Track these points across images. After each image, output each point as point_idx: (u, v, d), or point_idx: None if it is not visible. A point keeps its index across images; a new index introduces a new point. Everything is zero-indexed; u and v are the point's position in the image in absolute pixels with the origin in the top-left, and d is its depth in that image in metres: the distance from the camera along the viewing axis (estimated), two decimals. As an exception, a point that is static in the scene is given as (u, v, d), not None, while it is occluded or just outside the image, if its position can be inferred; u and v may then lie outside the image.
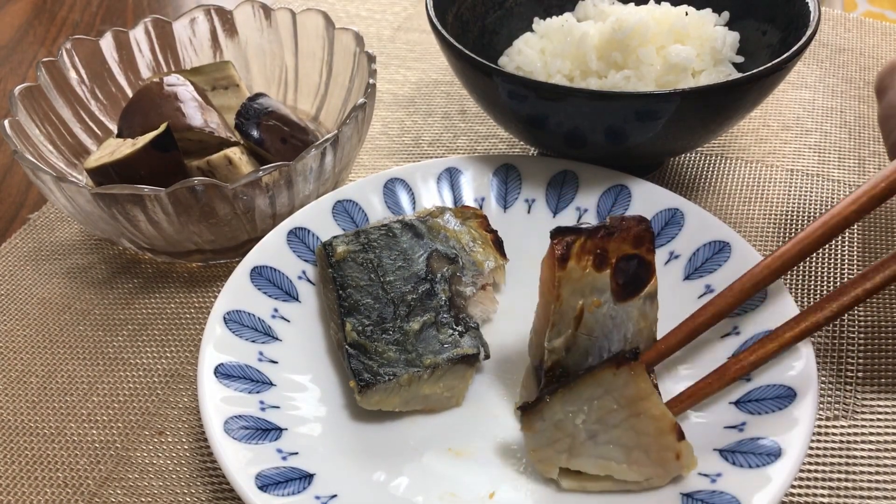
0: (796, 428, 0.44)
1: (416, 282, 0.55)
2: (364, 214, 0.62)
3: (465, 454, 0.49)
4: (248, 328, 0.53)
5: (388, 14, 1.01)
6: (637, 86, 0.63)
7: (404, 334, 0.52)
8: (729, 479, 0.44)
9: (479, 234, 0.60)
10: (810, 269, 0.62)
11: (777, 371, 0.48)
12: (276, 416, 0.49)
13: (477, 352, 0.52)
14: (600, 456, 0.45)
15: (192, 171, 0.63)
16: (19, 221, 0.73)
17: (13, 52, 0.99)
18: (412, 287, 0.54)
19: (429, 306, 0.53)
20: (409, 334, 0.52)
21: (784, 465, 0.43)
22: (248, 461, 0.45)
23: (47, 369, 0.58)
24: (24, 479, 0.51)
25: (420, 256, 0.56)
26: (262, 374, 0.51)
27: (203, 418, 0.47)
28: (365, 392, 0.49)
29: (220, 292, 0.54)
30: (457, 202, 0.64)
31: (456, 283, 0.56)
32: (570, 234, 0.47)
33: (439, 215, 0.60)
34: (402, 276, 0.55)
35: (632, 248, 0.48)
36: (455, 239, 0.58)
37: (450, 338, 0.52)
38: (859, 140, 0.76)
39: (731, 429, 0.47)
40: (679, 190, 0.70)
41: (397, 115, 0.83)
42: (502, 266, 0.59)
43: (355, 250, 0.56)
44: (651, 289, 0.49)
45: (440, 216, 0.60)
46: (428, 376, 0.50)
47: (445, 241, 0.58)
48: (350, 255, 0.56)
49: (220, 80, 0.72)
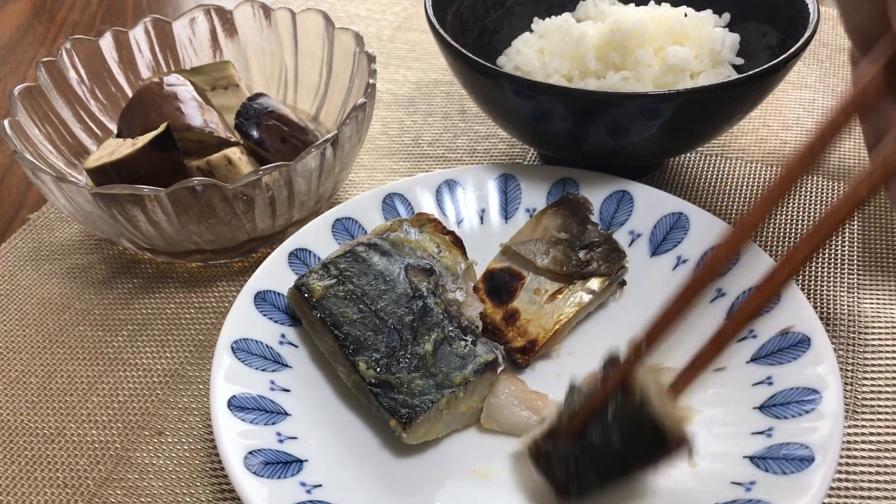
0: (826, 431, 0.44)
1: (406, 302, 0.53)
2: (364, 231, 0.61)
3: (491, 475, 0.49)
4: (256, 356, 0.52)
5: (388, 14, 1.01)
6: (635, 87, 0.63)
7: (421, 358, 0.50)
8: (764, 486, 0.43)
9: (439, 238, 0.58)
10: (810, 269, 0.62)
11: (799, 373, 0.48)
12: (295, 448, 0.48)
13: (495, 356, 0.51)
14: None
15: (191, 171, 0.62)
16: (19, 221, 0.73)
17: (13, 51, 0.99)
18: (406, 308, 0.52)
19: (430, 324, 0.52)
20: (426, 357, 0.50)
21: (819, 471, 0.42)
22: (272, 498, 0.44)
23: (47, 369, 0.58)
24: (24, 479, 0.51)
25: (398, 275, 0.54)
26: (276, 405, 0.50)
27: (221, 454, 0.45)
28: (409, 427, 0.47)
29: (225, 320, 0.53)
30: (458, 215, 0.63)
31: (442, 292, 0.54)
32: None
33: (398, 228, 0.58)
34: (390, 299, 0.53)
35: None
36: (421, 249, 0.57)
37: (465, 349, 0.51)
38: (860, 140, 0.76)
39: (758, 434, 0.46)
40: (679, 190, 0.70)
41: (397, 115, 0.83)
42: (471, 265, 0.58)
43: (332, 284, 0.53)
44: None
45: (399, 229, 0.58)
46: (463, 394, 0.49)
47: (413, 253, 0.56)
48: (330, 292, 0.53)
49: (219, 79, 0.72)
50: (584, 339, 0.56)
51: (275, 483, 0.45)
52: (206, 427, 0.54)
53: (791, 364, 0.49)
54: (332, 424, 0.51)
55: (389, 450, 0.50)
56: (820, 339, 0.49)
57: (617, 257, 0.57)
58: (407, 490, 0.48)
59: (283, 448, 0.47)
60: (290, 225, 0.64)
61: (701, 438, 0.48)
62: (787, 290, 0.52)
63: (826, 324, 0.58)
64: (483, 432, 0.51)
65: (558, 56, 0.66)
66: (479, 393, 0.51)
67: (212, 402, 0.48)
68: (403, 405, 0.48)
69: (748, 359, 0.51)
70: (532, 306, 0.56)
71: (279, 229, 0.64)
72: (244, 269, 0.66)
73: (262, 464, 0.45)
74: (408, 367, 0.50)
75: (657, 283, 0.58)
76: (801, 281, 0.61)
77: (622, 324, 0.57)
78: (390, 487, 0.48)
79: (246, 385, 0.50)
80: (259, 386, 0.50)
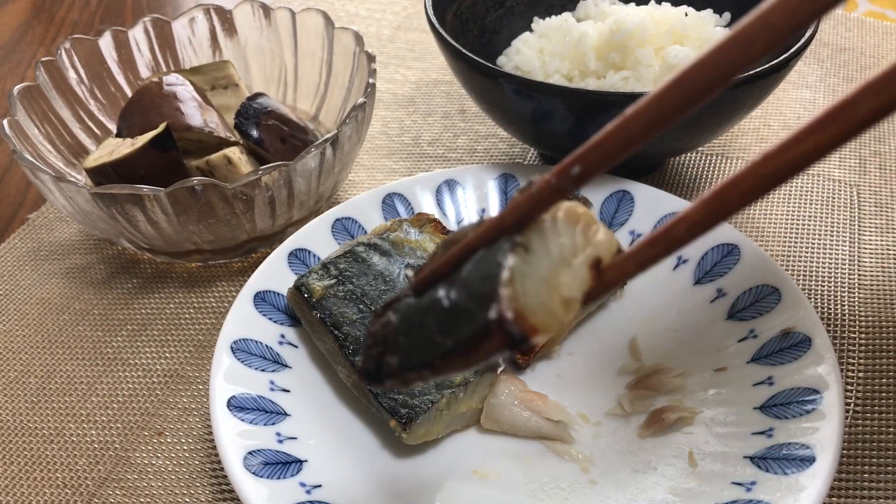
0: (827, 431, 0.44)
1: None
2: (364, 231, 0.61)
3: (492, 475, 0.48)
4: (256, 357, 0.52)
5: (388, 13, 1.01)
6: (635, 86, 0.63)
7: None
8: (764, 486, 0.43)
9: (439, 238, 0.58)
10: (810, 269, 0.62)
11: (800, 373, 0.48)
12: (295, 448, 0.48)
13: None
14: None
15: (191, 170, 0.62)
16: (18, 221, 0.72)
17: (12, 51, 0.99)
18: None
19: None
20: None
21: (819, 472, 0.42)
22: (271, 498, 0.44)
23: (46, 370, 0.58)
24: (23, 479, 0.51)
25: (398, 275, 0.54)
26: (276, 405, 0.50)
27: (221, 455, 0.45)
28: (409, 427, 0.47)
29: (225, 320, 0.53)
30: (458, 215, 0.63)
31: None
32: None
33: (398, 228, 0.58)
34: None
35: None
36: (421, 249, 0.57)
37: None
38: (860, 139, 0.76)
39: (759, 434, 0.46)
40: (679, 190, 0.70)
41: (397, 115, 0.83)
42: None
43: (331, 284, 0.53)
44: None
45: (399, 229, 0.58)
46: (463, 394, 0.49)
47: (413, 254, 0.56)
48: (329, 292, 0.53)
49: (219, 79, 0.71)
50: (584, 340, 0.56)
51: (274, 483, 0.45)
52: (205, 427, 0.54)
53: (791, 364, 0.49)
54: (332, 425, 0.51)
55: (389, 450, 0.50)
56: (820, 339, 0.49)
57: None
58: (407, 490, 0.48)
59: (282, 448, 0.47)
60: (290, 225, 0.64)
61: (701, 438, 0.48)
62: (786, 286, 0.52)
63: (826, 324, 0.58)
64: (483, 433, 0.51)
65: (558, 56, 0.66)
66: (479, 393, 0.50)
67: (211, 403, 0.48)
68: (403, 405, 0.48)
69: (748, 359, 0.51)
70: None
71: (279, 229, 0.63)
72: (244, 269, 0.66)
73: (261, 464, 0.45)
74: None
75: (658, 283, 0.57)
76: (802, 281, 0.61)
77: (623, 324, 0.56)
78: (390, 488, 0.48)
79: (245, 385, 0.50)
80: (259, 386, 0.50)
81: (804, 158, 0.27)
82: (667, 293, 0.57)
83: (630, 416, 0.51)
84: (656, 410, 0.50)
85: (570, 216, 0.31)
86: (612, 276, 0.32)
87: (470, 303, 0.30)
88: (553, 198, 0.30)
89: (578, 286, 0.30)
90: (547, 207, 0.31)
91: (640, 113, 0.28)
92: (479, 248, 0.31)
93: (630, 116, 0.28)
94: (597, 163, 0.29)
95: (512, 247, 0.30)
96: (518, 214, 0.31)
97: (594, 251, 0.31)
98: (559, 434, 0.49)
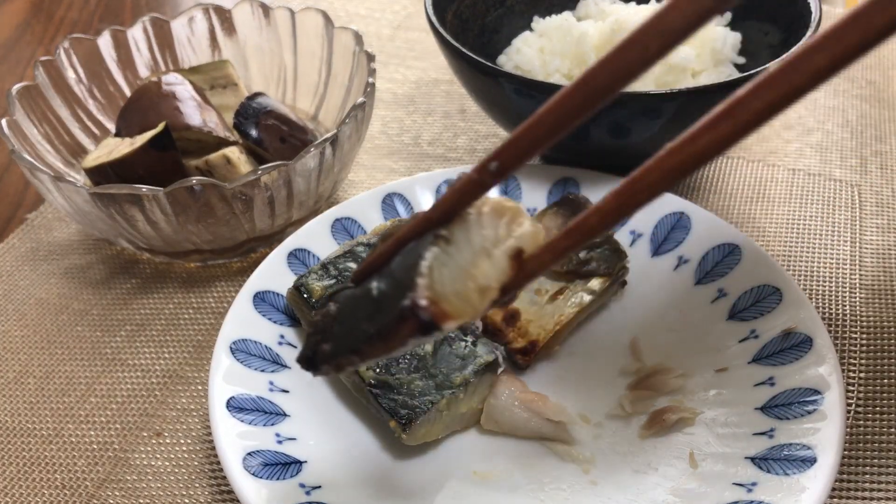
0: (828, 431, 0.44)
1: None
2: (363, 231, 0.61)
3: (492, 476, 0.48)
4: (255, 357, 0.52)
5: (388, 13, 1.01)
6: (635, 86, 0.62)
7: (421, 359, 0.50)
8: (765, 487, 0.43)
9: None
10: (812, 269, 0.62)
11: (801, 374, 0.48)
12: (295, 449, 0.48)
13: (495, 357, 0.51)
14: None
15: (190, 170, 0.62)
16: (17, 221, 0.72)
17: (11, 51, 0.99)
18: None
19: None
20: (425, 358, 0.50)
21: (821, 473, 0.42)
22: (271, 499, 0.43)
23: (45, 370, 0.58)
24: (22, 480, 0.51)
25: None
26: (276, 405, 0.50)
27: (220, 456, 0.45)
28: (409, 428, 0.47)
29: (224, 320, 0.52)
30: None
31: None
32: None
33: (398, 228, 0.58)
34: None
35: None
36: None
37: (465, 350, 0.51)
38: (861, 139, 0.75)
39: (760, 435, 0.46)
40: (680, 190, 0.70)
41: (397, 115, 0.83)
42: None
43: (331, 284, 0.53)
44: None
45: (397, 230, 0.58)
46: (464, 395, 0.49)
47: None
48: (328, 292, 0.53)
49: (218, 79, 0.71)
50: (585, 340, 0.56)
51: (274, 484, 0.44)
52: (204, 428, 0.54)
53: (793, 365, 0.49)
54: (332, 425, 0.51)
55: (389, 451, 0.50)
56: (822, 339, 0.49)
57: (618, 258, 0.57)
58: (407, 491, 0.47)
59: (282, 449, 0.47)
60: (289, 225, 0.64)
61: (702, 439, 0.48)
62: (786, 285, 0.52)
63: (828, 324, 0.57)
64: (483, 433, 0.51)
65: (559, 55, 0.66)
66: (479, 394, 0.50)
67: (210, 403, 0.48)
68: (403, 406, 0.48)
69: (750, 359, 0.51)
70: (533, 307, 0.56)
71: (278, 229, 0.63)
72: (243, 270, 0.65)
73: (261, 465, 0.45)
74: (407, 367, 0.50)
75: (658, 283, 0.57)
76: (803, 280, 0.61)
77: (623, 324, 0.56)
78: (390, 489, 0.47)
79: (245, 386, 0.50)
80: (258, 387, 0.50)
81: (704, 152, 0.29)
82: (668, 293, 0.57)
83: (631, 417, 0.50)
84: (657, 411, 0.50)
85: (496, 210, 0.33)
86: (532, 267, 0.33)
87: (394, 291, 0.31)
88: (476, 192, 0.32)
89: (496, 275, 0.32)
90: (471, 201, 0.32)
91: (549, 111, 0.29)
92: (410, 240, 0.33)
93: (540, 116, 0.30)
94: (511, 159, 0.31)
95: (434, 239, 0.31)
96: (444, 209, 0.33)
97: (516, 242, 0.33)
98: (560, 435, 0.49)
